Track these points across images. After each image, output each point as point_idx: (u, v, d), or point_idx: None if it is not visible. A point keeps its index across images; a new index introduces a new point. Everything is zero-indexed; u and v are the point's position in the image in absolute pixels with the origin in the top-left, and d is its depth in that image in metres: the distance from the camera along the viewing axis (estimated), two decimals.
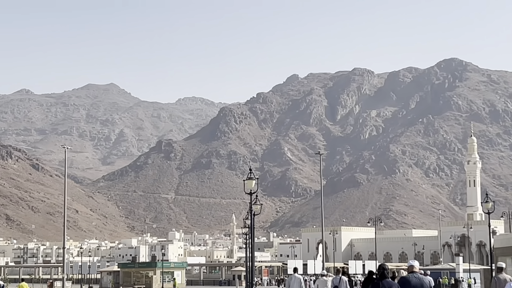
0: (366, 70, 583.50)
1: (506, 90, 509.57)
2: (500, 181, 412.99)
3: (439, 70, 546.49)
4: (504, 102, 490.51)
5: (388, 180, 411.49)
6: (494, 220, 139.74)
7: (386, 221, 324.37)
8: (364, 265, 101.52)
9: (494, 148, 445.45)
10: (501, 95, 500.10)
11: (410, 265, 17.95)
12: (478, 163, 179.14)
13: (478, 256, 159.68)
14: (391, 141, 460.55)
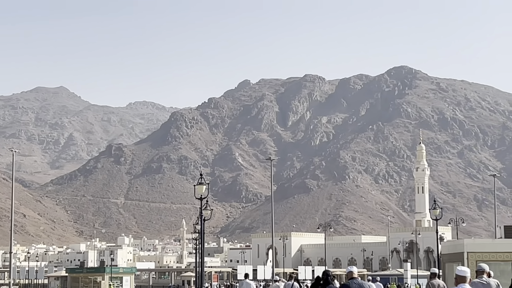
0: (317, 77, 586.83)
1: (454, 98, 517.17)
2: (448, 188, 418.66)
3: (389, 78, 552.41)
4: (452, 110, 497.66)
5: (338, 186, 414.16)
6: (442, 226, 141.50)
7: (336, 227, 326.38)
8: (314, 271, 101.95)
9: (442, 156, 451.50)
10: (449, 103, 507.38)
11: (349, 271, 17.95)
12: (426, 170, 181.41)
13: (426, 262, 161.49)
14: (342, 147, 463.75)
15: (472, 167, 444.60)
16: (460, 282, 15.74)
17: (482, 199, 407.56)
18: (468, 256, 34.89)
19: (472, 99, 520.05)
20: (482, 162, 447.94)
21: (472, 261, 34.96)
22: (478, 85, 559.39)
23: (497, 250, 35.44)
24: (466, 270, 16.09)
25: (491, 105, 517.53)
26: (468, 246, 35.57)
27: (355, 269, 18.11)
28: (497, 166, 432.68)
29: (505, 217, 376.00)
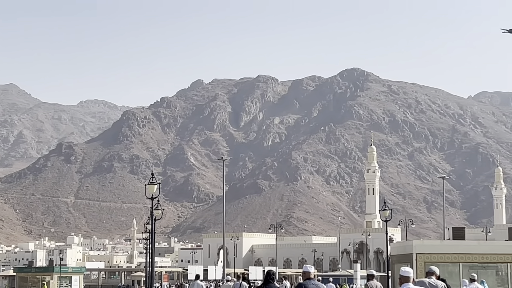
0: (270, 78, 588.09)
1: (405, 100, 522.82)
2: (398, 190, 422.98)
3: (341, 80, 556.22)
4: (403, 113, 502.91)
5: (289, 187, 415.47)
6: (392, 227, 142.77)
7: (287, 228, 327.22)
8: (264, 271, 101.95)
9: (393, 158, 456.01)
10: (400, 106, 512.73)
11: (306, 271, 17.86)
12: (377, 172, 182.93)
13: (376, 263, 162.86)
14: (294, 148, 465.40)
15: (422, 169, 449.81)
16: (404, 282, 16.42)
17: (432, 201, 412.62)
18: (417, 257, 35.26)
19: (422, 102, 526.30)
20: (432, 165, 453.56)
21: (420, 262, 35.34)
22: (429, 88, 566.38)
23: (445, 251, 35.89)
24: (409, 271, 16.61)
25: (441, 108, 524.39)
26: (417, 248, 35.94)
27: (312, 269, 18.02)
28: (447, 169, 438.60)
29: (454, 219, 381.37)
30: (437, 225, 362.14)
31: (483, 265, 35.37)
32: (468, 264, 35.38)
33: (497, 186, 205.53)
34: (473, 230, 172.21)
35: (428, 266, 35.28)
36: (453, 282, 35.40)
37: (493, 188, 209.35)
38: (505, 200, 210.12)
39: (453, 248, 35.87)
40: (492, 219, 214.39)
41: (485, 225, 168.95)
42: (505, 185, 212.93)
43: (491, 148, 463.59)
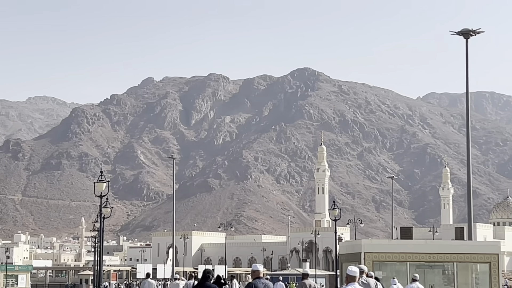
0: (221, 76, 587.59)
1: (355, 101, 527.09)
2: (348, 189, 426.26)
3: (292, 79, 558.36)
4: (353, 113, 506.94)
5: (240, 185, 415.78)
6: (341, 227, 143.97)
7: (237, 226, 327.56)
8: (214, 270, 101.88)
9: (343, 157, 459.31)
10: (350, 106, 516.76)
11: (256, 270, 17.79)
12: (327, 171, 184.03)
13: (325, 261, 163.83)
14: (244, 147, 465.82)
15: (371, 169, 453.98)
16: (350, 281, 16.87)
17: (380, 200, 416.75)
18: (365, 256, 35.51)
19: (372, 102, 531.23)
20: (381, 164, 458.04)
21: (369, 261, 35.61)
22: (379, 88, 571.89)
23: (393, 250, 36.23)
24: (355, 270, 17.04)
25: (390, 109, 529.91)
26: (365, 247, 36.21)
27: (261, 268, 17.93)
28: (395, 169, 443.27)
29: (402, 218, 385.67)
30: (385, 224, 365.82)
31: (430, 264, 35.78)
32: (415, 263, 35.74)
33: (444, 186, 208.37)
34: (420, 229, 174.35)
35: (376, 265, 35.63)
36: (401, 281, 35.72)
37: (440, 188, 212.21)
38: (452, 200, 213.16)
39: (400, 248, 36.22)
40: (439, 219, 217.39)
41: (432, 225, 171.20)
42: (452, 185, 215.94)
43: (439, 148, 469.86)
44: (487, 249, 36.24)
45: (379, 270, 34.74)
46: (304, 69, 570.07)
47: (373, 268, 35.10)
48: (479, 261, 35.36)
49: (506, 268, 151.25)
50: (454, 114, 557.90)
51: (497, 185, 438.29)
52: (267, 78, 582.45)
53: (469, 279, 36.48)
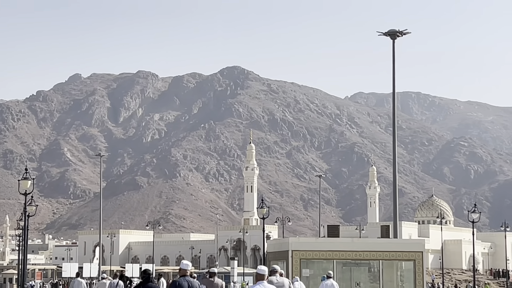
0: (150, 73, 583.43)
1: (284, 100, 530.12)
2: (276, 188, 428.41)
3: (222, 77, 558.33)
4: (282, 112, 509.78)
5: (168, 184, 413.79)
6: (269, 225, 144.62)
7: (165, 225, 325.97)
8: (141, 268, 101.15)
9: (272, 156, 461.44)
10: (279, 105, 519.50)
11: (183, 268, 17.72)
12: (255, 170, 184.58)
13: (253, 260, 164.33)
14: (173, 145, 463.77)
15: (299, 167, 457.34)
16: (259, 280, 17.77)
17: (308, 198, 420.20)
18: (293, 254, 35.67)
19: (301, 101, 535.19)
20: (309, 163, 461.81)
21: (296, 259, 35.78)
22: (307, 88, 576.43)
23: (320, 248, 36.47)
24: (264, 269, 18.08)
25: (319, 108, 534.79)
26: (292, 245, 36.36)
27: (189, 265, 17.84)
28: (323, 167, 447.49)
29: (329, 216, 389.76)
30: (313, 222, 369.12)
31: (356, 262, 36.15)
32: (342, 261, 36.06)
33: (371, 185, 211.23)
34: (347, 227, 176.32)
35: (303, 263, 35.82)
36: None
37: (367, 187, 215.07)
38: (379, 198, 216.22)
39: (327, 246, 36.48)
40: (366, 217, 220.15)
41: (359, 223, 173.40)
42: (378, 184, 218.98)
43: (366, 147, 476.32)
44: (412, 247, 36.80)
45: (306, 268, 34.93)
46: (234, 67, 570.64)
47: (300, 266, 35.28)
48: (404, 258, 35.89)
49: (431, 266, 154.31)
50: (381, 113, 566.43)
51: (422, 184, 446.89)
52: (196, 76, 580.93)
53: (394, 276, 36.98)
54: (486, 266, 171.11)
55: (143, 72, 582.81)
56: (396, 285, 36.76)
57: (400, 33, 45.52)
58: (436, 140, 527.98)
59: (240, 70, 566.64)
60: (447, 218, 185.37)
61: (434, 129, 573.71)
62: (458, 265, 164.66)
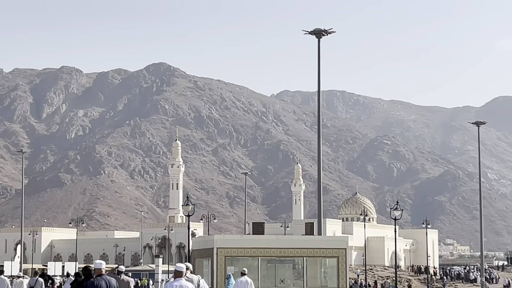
0: (74, 69, 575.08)
1: (210, 97, 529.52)
2: (202, 185, 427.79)
3: (148, 74, 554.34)
4: (208, 109, 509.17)
5: (92, 181, 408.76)
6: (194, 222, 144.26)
7: (89, 222, 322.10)
8: (64, 267, 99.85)
9: (198, 153, 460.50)
10: (206, 102, 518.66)
11: (97, 268, 17.67)
12: (181, 167, 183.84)
13: (178, 257, 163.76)
14: (98, 141, 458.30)
15: (225, 165, 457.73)
16: (177, 277, 18.78)
17: (234, 196, 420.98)
18: (218, 251, 35.64)
19: (227, 98, 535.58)
20: (235, 160, 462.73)
21: (221, 256, 35.76)
22: (234, 85, 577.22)
23: (245, 246, 36.54)
24: (183, 266, 19.15)
25: (245, 105, 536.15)
26: (217, 242, 36.34)
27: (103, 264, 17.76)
28: (249, 165, 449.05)
29: (255, 214, 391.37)
30: (239, 220, 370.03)
31: (280, 259, 36.35)
32: (267, 258, 36.21)
33: (296, 182, 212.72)
34: (273, 225, 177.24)
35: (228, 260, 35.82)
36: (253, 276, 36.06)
37: (292, 184, 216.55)
38: (304, 196, 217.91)
39: (252, 243, 36.57)
40: (291, 214, 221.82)
41: (284, 220, 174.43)
42: (303, 181, 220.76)
43: (291, 145, 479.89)
44: (336, 244, 37.20)
45: (231, 265, 34.95)
46: (160, 64, 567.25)
47: (225, 263, 35.27)
48: (328, 255, 36.24)
49: (354, 262, 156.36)
50: (307, 112, 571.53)
51: (346, 181, 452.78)
52: (122, 72, 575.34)
53: (318, 273, 37.32)
54: (408, 262, 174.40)
55: (67, 68, 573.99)
56: (320, 282, 37.12)
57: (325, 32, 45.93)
58: (360, 139, 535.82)
59: (166, 66, 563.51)
60: (370, 215, 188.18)
61: (358, 127, 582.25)
62: (381, 261, 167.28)
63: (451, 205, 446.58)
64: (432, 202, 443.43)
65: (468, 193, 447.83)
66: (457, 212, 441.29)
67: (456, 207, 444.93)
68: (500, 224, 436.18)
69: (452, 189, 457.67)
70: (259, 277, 35.84)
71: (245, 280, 29.19)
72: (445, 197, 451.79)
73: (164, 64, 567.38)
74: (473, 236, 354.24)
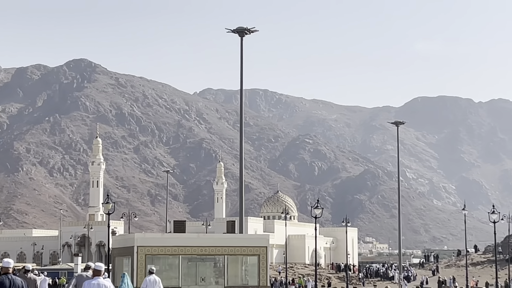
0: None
1: (132, 94, 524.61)
2: (123, 183, 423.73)
3: (68, 70, 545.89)
4: (130, 106, 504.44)
5: (10, 178, 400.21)
6: (115, 220, 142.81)
7: (7, 220, 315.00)
8: None
9: (119, 150, 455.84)
10: (127, 99, 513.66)
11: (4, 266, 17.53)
12: (102, 164, 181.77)
13: (98, 256, 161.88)
14: (16, 138, 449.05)
15: (147, 162, 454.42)
16: (95, 275, 19.79)
17: (156, 194, 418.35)
18: (138, 250, 35.32)
19: (149, 96, 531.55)
20: (157, 158, 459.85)
21: (141, 255, 35.45)
22: (156, 82, 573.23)
23: (166, 244, 36.33)
24: (101, 265, 20.28)
25: (167, 103, 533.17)
26: (138, 240, 36.04)
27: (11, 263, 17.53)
28: (171, 163, 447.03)
29: (176, 212, 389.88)
30: (160, 218, 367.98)
31: (202, 257, 36.27)
32: (188, 257, 36.08)
33: (218, 180, 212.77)
34: (194, 223, 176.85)
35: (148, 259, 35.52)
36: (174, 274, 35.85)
37: (214, 182, 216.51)
38: (226, 194, 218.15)
39: (173, 241, 36.39)
40: (213, 213, 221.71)
41: (206, 218, 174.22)
42: (225, 179, 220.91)
43: (214, 143, 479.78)
44: (257, 242, 37.34)
45: (151, 263, 34.69)
46: (81, 60, 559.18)
47: (145, 262, 34.97)
48: (249, 253, 36.35)
49: (275, 260, 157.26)
50: (229, 110, 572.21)
51: (268, 180, 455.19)
52: (41, 67, 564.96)
53: (239, 271, 37.38)
54: (328, 260, 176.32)
55: None
56: (241, 280, 37.18)
57: (248, 30, 46.01)
58: (282, 137, 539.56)
59: (87, 62, 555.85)
60: (291, 214, 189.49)
61: (280, 126, 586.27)
62: (302, 259, 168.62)
63: (371, 204, 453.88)
64: (352, 201, 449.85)
65: (387, 192, 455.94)
66: (376, 211, 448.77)
67: (376, 206, 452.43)
68: (418, 222, 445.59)
69: (371, 188, 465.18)
70: (180, 275, 35.67)
71: (153, 279, 28.95)
72: (365, 195, 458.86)
73: (85, 60, 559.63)
74: (391, 234, 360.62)
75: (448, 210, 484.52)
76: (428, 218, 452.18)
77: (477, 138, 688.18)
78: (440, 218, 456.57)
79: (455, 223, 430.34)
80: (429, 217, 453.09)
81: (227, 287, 35.99)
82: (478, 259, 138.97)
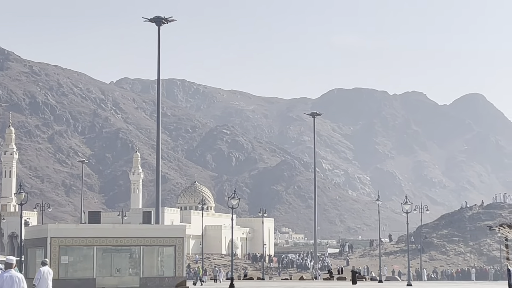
0: None
1: (47, 82, 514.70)
2: (37, 173, 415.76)
3: None
4: (44, 95, 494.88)
5: None
6: (28, 211, 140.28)
7: None
8: None
9: (33, 140, 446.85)
10: (42, 87, 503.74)
11: None
12: (15, 154, 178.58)
13: (10, 247, 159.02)
14: None
15: (62, 152, 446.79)
16: (7, 268, 20.50)
17: (70, 184, 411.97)
18: (51, 241, 34.77)
19: (64, 85, 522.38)
20: (72, 148, 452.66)
21: (55, 246, 34.90)
22: (71, 71, 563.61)
23: (80, 235, 35.87)
24: (13, 259, 21.16)
25: (83, 92, 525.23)
26: (51, 231, 35.46)
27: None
28: (87, 153, 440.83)
29: (92, 202, 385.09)
30: (75, 209, 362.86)
31: (117, 248, 35.96)
32: (103, 248, 35.72)
33: (135, 171, 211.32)
34: (110, 214, 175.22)
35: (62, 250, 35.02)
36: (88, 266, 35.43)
37: (131, 173, 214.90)
38: (142, 184, 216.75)
39: (88, 232, 35.95)
40: (129, 203, 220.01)
41: (122, 209, 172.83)
42: (142, 170, 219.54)
43: (131, 133, 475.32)
44: (173, 233, 37.26)
45: (65, 255, 34.23)
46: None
47: (59, 253, 34.48)
48: (165, 244, 36.25)
49: (192, 251, 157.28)
50: (147, 100, 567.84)
51: (185, 170, 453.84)
52: None
53: (154, 262, 37.24)
54: (245, 250, 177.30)
55: None
56: (157, 271, 37.04)
57: (165, 20, 45.79)
58: (200, 128, 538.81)
59: (0, 50, 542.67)
60: (208, 204, 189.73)
61: (198, 116, 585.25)
62: (218, 250, 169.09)
63: (287, 194, 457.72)
64: (269, 191, 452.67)
65: (303, 183, 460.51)
66: (292, 201, 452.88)
67: (292, 196, 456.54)
68: (333, 212, 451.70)
69: (288, 178, 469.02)
70: (94, 266, 35.32)
71: (47, 270, 28.67)
72: (281, 186, 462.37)
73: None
74: (307, 225, 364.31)
75: (363, 201, 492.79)
76: (343, 208, 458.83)
77: (391, 130, 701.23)
78: (355, 209, 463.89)
79: (369, 213, 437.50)
80: (344, 208, 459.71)
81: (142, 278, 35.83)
82: (391, 248, 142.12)
